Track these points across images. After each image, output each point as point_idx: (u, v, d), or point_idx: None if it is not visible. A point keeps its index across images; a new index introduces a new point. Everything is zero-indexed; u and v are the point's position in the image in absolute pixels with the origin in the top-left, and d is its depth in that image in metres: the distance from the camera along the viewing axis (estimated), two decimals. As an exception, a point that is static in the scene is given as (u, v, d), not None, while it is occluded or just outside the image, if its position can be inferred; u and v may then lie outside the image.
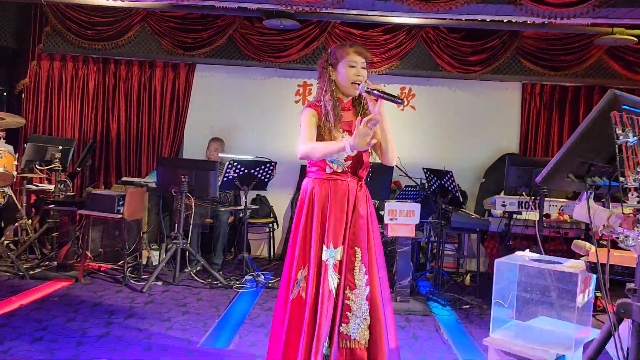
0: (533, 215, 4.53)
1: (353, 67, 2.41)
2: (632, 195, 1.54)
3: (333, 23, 5.75)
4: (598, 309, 4.00)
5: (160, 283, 4.74)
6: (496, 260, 2.30)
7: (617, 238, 1.67)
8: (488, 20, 4.26)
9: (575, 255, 2.29)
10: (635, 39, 4.62)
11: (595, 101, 5.96)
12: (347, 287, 2.37)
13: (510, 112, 6.15)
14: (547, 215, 4.64)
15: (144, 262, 5.19)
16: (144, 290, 4.43)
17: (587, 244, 2.21)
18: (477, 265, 4.99)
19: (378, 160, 2.58)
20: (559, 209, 4.60)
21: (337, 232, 2.39)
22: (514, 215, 4.75)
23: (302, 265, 2.41)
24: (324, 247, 2.38)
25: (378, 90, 2.29)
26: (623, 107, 1.52)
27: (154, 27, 5.98)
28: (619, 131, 1.49)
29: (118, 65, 6.22)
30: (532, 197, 4.46)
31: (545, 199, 4.37)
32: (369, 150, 2.48)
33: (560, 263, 2.25)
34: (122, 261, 4.85)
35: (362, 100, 2.50)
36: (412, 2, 3.40)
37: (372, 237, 2.44)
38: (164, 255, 5.44)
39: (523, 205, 4.54)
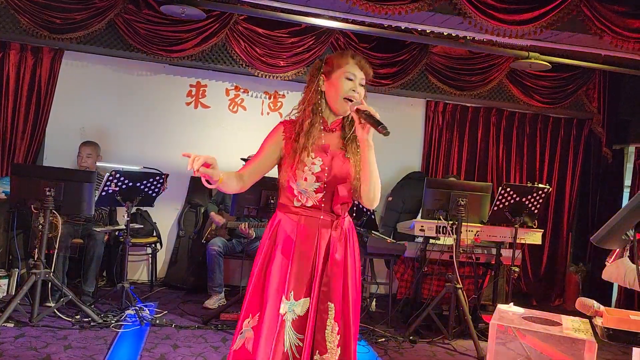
0: (449, 240, 4.36)
1: (350, 80, 1.98)
2: None
3: (236, 19, 5.09)
4: None
5: (11, 325, 3.74)
6: (491, 323, 1.90)
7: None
8: (428, 31, 3.97)
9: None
10: (549, 64, 4.66)
11: (492, 123, 6.03)
12: (317, 351, 1.90)
13: (415, 129, 6.00)
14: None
15: (-12, 295, 4.11)
16: (-11, 338, 3.41)
17: (596, 303, 1.89)
18: (389, 292, 4.69)
19: None
20: (475, 234, 4.45)
21: (300, 281, 1.92)
22: (430, 240, 4.53)
23: (252, 314, 1.95)
24: (283, 298, 1.90)
25: (366, 113, 1.84)
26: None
27: (10, 0, 4.80)
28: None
29: (-44, 42, 4.92)
30: (450, 222, 4.26)
31: (463, 224, 4.23)
32: (350, 181, 2.01)
33: (559, 324, 1.91)
34: (-42, 298, 3.74)
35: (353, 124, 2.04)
36: (356, 1, 2.93)
37: (350, 288, 1.98)
38: (14, 284, 4.38)
39: (441, 230, 4.33)
